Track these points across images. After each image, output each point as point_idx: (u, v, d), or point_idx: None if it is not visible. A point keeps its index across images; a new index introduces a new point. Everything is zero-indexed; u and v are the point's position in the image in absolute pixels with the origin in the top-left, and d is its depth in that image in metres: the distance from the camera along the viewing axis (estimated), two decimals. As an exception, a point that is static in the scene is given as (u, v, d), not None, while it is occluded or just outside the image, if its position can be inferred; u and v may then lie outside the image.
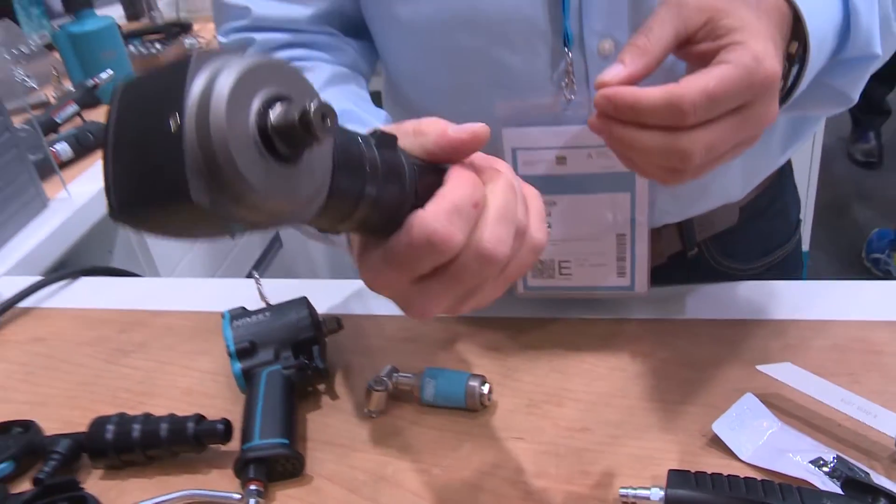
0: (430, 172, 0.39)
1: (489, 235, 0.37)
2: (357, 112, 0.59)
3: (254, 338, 0.65)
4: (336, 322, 0.70)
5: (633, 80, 0.45)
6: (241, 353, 0.64)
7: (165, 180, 0.27)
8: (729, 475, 0.50)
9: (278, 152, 0.29)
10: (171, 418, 0.61)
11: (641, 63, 0.45)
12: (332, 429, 0.63)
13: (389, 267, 0.36)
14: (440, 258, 0.36)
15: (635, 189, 0.61)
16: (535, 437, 0.59)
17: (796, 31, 0.49)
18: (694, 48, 0.46)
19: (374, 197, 0.35)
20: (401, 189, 0.37)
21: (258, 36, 0.63)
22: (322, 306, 0.74)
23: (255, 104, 0.28)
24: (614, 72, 0.45)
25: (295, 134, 0.28)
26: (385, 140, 0.37)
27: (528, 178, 0.61)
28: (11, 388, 0.74)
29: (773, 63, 0.43)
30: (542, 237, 0.41)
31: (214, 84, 0.27)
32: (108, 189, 0.29)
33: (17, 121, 1.29)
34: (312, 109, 0.28)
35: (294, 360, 0.64)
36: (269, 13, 0.63)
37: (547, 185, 0.62)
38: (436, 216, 0.35)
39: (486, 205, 0.38)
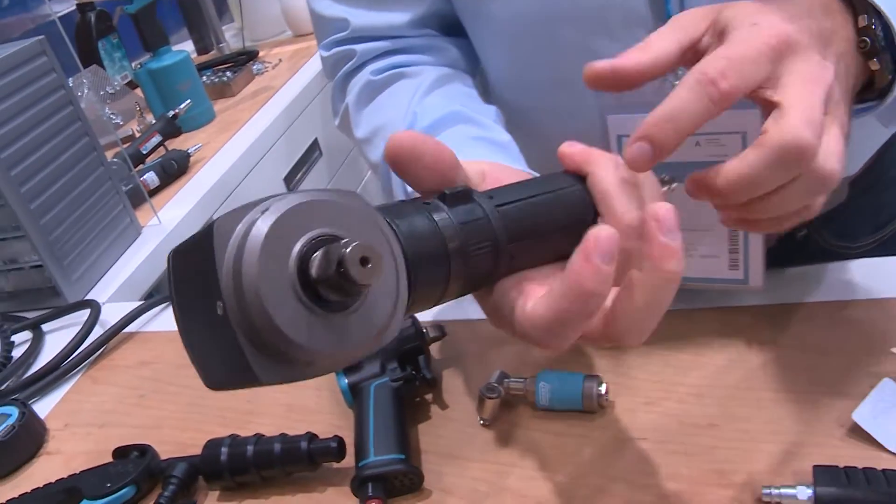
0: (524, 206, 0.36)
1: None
2: (465, 112, 0.58)
3: (358, 351, 0.64)
4: (440, 329, 0.68)
5: (619, 73, 0.41)
6: (347, 368, 0.64)
7: (236, 364, 0.26)
8: (884, 469, 0.46)
9: (328, 301, 0.26)
10: (283, 438, 0.60)
11: (633, 59, 0.41)
12: (446, 439, 0.61)
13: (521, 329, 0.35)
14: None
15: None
16: (660, 436, 0.56)
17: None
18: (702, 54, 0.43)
19: (463, 268, 0.33)
20: (492, 245, 0.34)
21: (359, 47, 0.63)
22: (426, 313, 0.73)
23: (295, 252, 0.26)
24: (601, 63, 0.41)
25: (338, 284, 0.25)
26: (457, 196, 0.34)
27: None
28: (125, 412, 0.75)
29: (823, 65, 0.38)
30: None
31: (245, 246, 0.25)
32: (197, 368, 0.29)
33: (109, 155, 1.33)
34: (348, 255, 0.25)
35: (401, 372, 0.63)
36: (368, 22, 0.62)
37: (660, 169, 0.59)
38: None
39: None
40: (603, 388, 0.58)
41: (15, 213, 0.88)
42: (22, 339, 0.91)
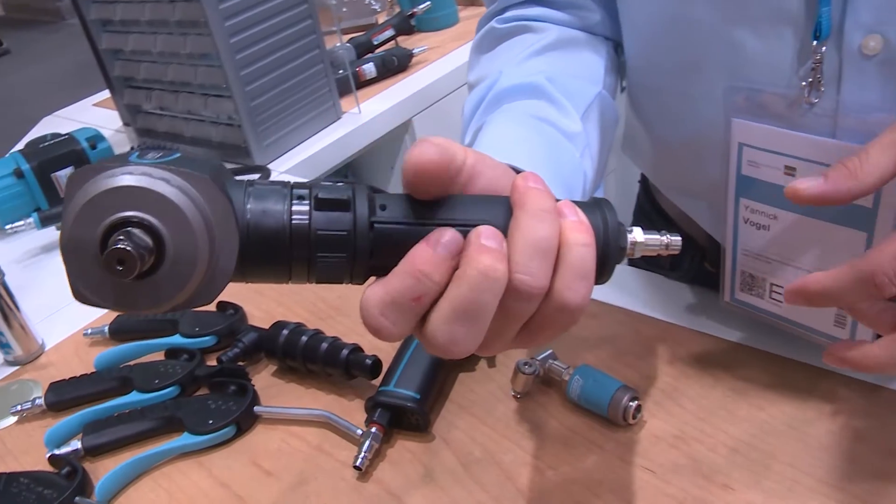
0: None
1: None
2: (546, 87, 0.55)
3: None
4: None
5: (828, 201, 0.39)
6: (414, 298, 0.66)
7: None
8: None
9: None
10: (333, 341, 0.64)
11: (845, 187, 0.39)
12: (475, 396, 0.62)
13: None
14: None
15: (875, 230, 0.49)
16: (667, 474, 0.52)
17: None
18: None
19: (307, 267, 0.33)
20: (348, 256, 0.33)
21: None
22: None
23: (103, 224, 0.29)
24: (809, 183, 0.39)
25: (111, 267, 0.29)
26: (332, 203, 0.33)
27: (749, 181, 0.53)
28: (247, 274, 0.84)
29: None
30: (573, 297, 0.34)
31: (70, 204, 0.30)
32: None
33: (348, 37, 1.43)
34: (108, 253, 0.28)
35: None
36: None
37: (770, 194, 0.52)
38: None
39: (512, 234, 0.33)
40: (633, 405, 0.55)
41: (227, 75, 0.99)
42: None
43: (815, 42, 0.47)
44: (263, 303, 0.78)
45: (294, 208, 0.32)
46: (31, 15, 7.35)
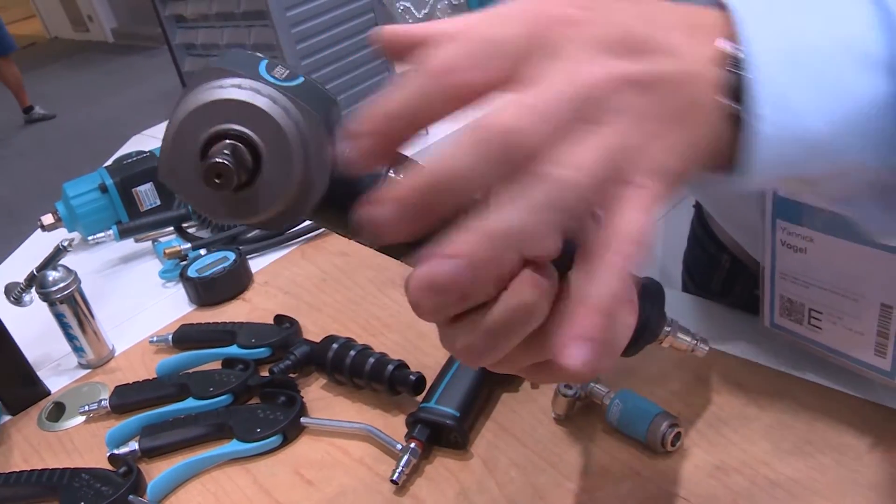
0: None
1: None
2: None
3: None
4: (562, 313, 0.68)
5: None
6: (460, 317, 0.66)
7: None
8: None
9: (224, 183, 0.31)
10: (380, 357, 0.66)
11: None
12: (516, 417, 0.62)
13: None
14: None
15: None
16: (706, 505, 0.51)
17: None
18: None
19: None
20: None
21: None
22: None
23: (203, 137, 0.31)
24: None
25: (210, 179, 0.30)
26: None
27: (786, 203, 0.52)
28: (306, 288, 0.87)
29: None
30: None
31: (175, 114, 0.31)
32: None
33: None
34: (208, 165, 0.30)
35: (502, 338, 0.64)
36: None
37: (806, 216, 0.52)
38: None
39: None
40: (672, 432, 0.54)
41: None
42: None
43: None
44: (319, 318, 0.80)
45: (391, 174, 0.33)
46: (135, 41, 7.78)
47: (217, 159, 0.30)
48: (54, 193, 1.15)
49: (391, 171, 0.33)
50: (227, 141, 0.31)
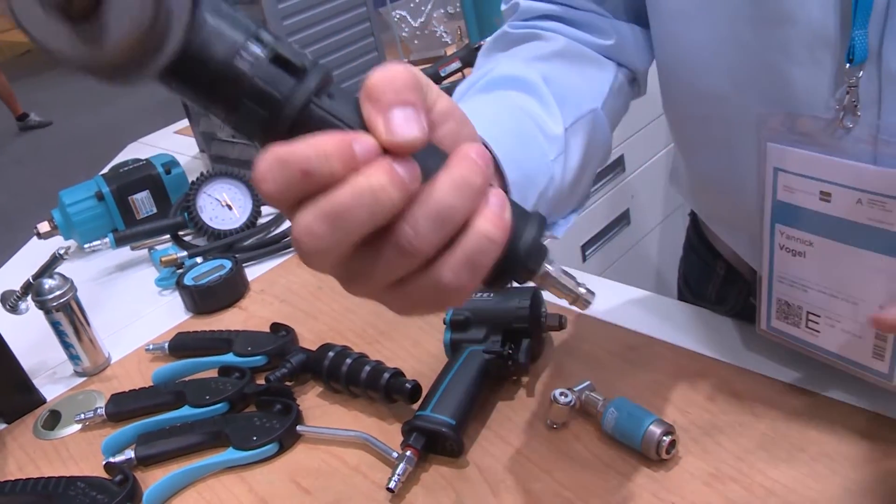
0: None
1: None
2: (538, 85, 0.54)
3: (471, 313, 0.67)
4: (558, 320, 0.68)
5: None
6: (455, 325, 0.67)
7: None
8: None
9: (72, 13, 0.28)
10: (376, 365, 0.66)
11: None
12: (512, 424, 0.62)
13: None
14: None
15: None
16: (701, 513, 0.51)
17: None
18: None
19: (230, 100, 0.31)
20: (267, 118, 0.31)
21: (524, 3, 0.62)
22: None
23: None
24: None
25: None
26: (284, 62, 0.31)
27: (785, 206, 0.53)
28: (302, 296, 0.87)
29: None
30: (451, 280, 0.32)
31: None
32: None
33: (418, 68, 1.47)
34: None
35: (498, 348, 0.64)
36: None
37: (805, 220, 0.52)
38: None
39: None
40: (667, 440, 0.54)
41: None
42: (275, 209, 1.08)
43: (848, 65, 0.46)
44: (315, 326, 0.80)
45: (249, 46, 0.31)
46: (129, 47, 7.75)
47: None
48: (50, 201, 1.15)
49: (252, 42, 0.31)
50: None
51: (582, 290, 0.37)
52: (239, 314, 0.86)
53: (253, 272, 0.93)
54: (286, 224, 1.04)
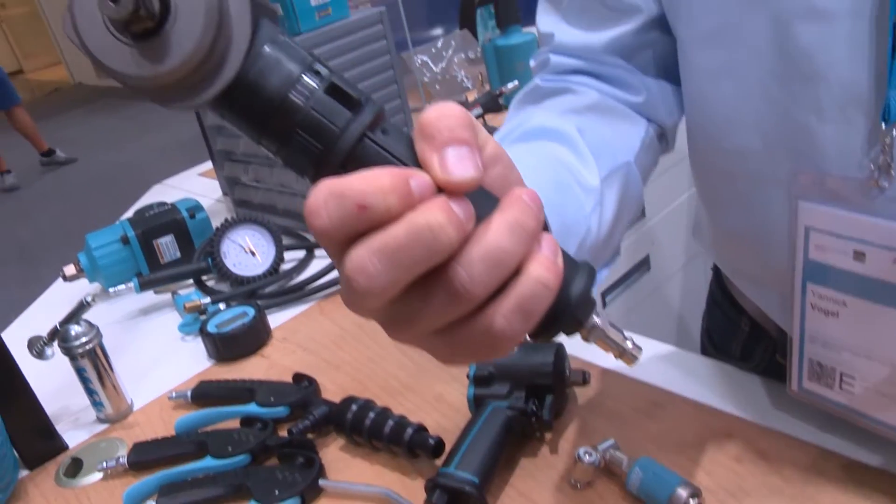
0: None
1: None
2: (573, 136, 0.55)
3: (495, 368, 0.67)
4: (582, 376, 0.68)
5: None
6: (479, 380, 0.67)
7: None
8: None
9: (132, 30, 0.29)
10: (399, 419, 0.66)
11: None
12: (535, 483, 0.61)
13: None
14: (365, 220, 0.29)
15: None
16: (731, 580, 0.50)
17: None
18: None
19: (283, 132, 0.31)
20: (321, 152, 0.31)
21: (555, 57, 0.63)
22: (585, 352, 0.73)
23: None
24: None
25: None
26: (342, 94, 0.31)
27: (817, 265, 0.52)
28: (324, 345, 0.87)
29: None
30: (503, 326, 0.31)
31: None
32: None
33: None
34: None
35: (522, 404, 0.64)
36: (567, 39, 0.62)
37: (839, 279, 0.51)
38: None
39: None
40: (694, 502, 0.54)
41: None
42: (298, 256, 1.09)
43: (883, 125, 0.46)
44: (337, 376, 0.80)
45: (305, 77, 0.30)
46: (154, 86, 7.91)
47: None
48: (73, 237, 1.17)
49: (308, 73, 0.31)
50: None
51: (629, 345, 0.36)
52: (261, 362, 0.86)
53: (275, 319, 0.94)
54: (309, 271, 1.04)
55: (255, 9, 0.30)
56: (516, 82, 1.46)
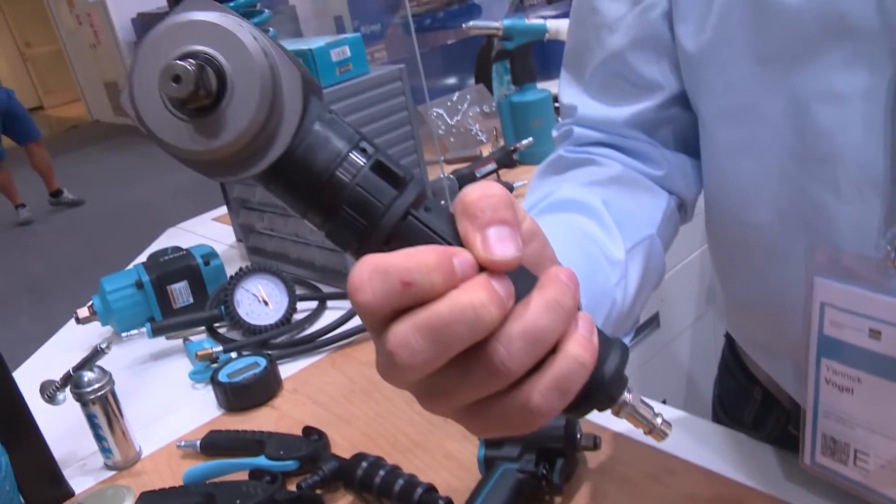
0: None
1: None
2: (599, 209, 0.56)
3: (506, 430, 0.66)
4: (593, 440, 0.67)
5: None
6: (490, 442, 0.66)
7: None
8: None
9: (189, 107, 0.30)
10: (409, 479, 0.66)
11: None
12: (545, 548, 0.61)
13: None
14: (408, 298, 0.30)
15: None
16: None
17: None
18: None
19: (327, 209, 0.32)
20: (365, 228, 0.32)
21: (577, 129, 0.65)
22: (597, 416, 0.72)
23: (168, 58, 0.29)
24: None
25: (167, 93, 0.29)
26: (386, 171, 0.32)
27: (832, 341, 0.52)
28: (335, 398, 0.87)
29: None
30: (539, 403, 0.31)
31: (160, 24, 0.30)
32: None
33: (448, 170, 1.51)
34: (163, 68, 0.28)
35: (532, 467, 0.64)
36: (590, 113, 0.64)
37: (854, 356, 0.51)
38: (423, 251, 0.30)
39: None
40: (706, 577, 0.53)
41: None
42: (310, 306, 1.10)
43: None
44: (347, 431, 0.80)
45: (352, 154, 0.31)
46: (169, 126, 8.04)
47: (179, 62, 0.28)
48: (84, 274, 1.18)
49: (355, 151, 0.32)
50: (196, 60, 0.29)
51: (658, 421, 0.37)
52: (271, 414, 0.86)
53: (286, 370, 0.94)
54: (321, 322, 1.05)
55: (306, 86, 0.32)
56: (531, 139, 1.47)
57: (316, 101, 0.32)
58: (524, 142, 1.47)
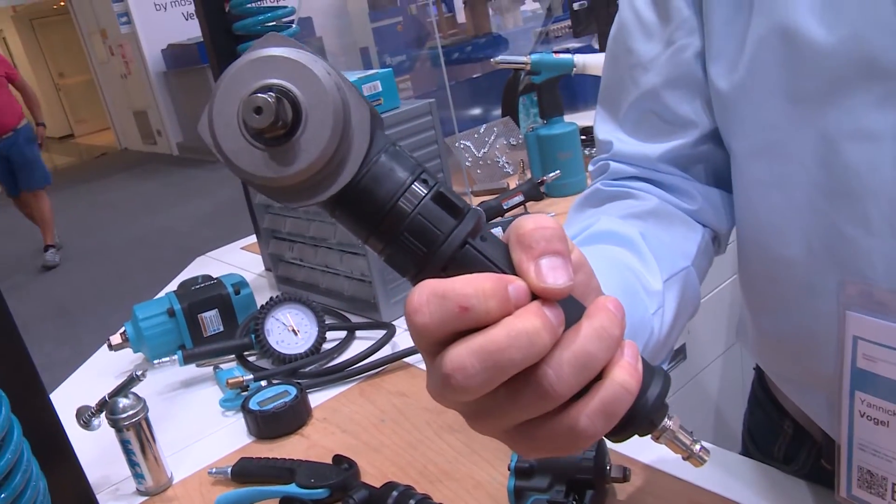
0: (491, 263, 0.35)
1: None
2: (637, 242, 0.57)
3: (536, 461, 0.67)
4: (622, 472, 0.67)
5: None
6: (520, 472, 0.67)
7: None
8: None
9: (265, 137, 0.32)
10: (439, 508, 0.66)
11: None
12: (575, 582, 0.61)
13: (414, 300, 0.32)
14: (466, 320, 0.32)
15: None
16: None
17: None
18: None
19: (390, 235, 0.33)
20: (424, 255, 0.33)
21: (614, 164, 0.66)
22: (626, 448, 0.73)
23: (247, 90, 0.31)
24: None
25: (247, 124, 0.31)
26: (447, 202, 0.34)
27: (865, 374, 0.52)
28: (364, 427, 0.88)
29: None
30: (586, 426, 0.33)
31: (239, 59, 0.32)
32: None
33: (475, 202, 1.52)
34: (244, 101, 0.31)
35: (562, 498, 0.64)
36: (625, 149, 0.65)
37: (888, 389, 0.51)
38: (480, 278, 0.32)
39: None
40: None
41: (363, 235, 1.07)
42: (339, 336, 1.11)
43: None
44: (377, 459, 0.81)
45: (414, 185, 0.33)
46: (200, 155, 8.20)
47: (260, 94, 0.31)
48: (111, 298, 1.20)
49: (418, 182, 0.34)
50: (274, 93, 0.31)
51: (697, 448, 0.38)
52: (301, 442, 0.87)
53: (315, 399, 0.95)
54: (350, 352, 1.06)
55: (373, 120, 0.34)
56: (558, 172, 1.48)
57: (381, 135, 0.34)
58: (551, 175, 1.48)
